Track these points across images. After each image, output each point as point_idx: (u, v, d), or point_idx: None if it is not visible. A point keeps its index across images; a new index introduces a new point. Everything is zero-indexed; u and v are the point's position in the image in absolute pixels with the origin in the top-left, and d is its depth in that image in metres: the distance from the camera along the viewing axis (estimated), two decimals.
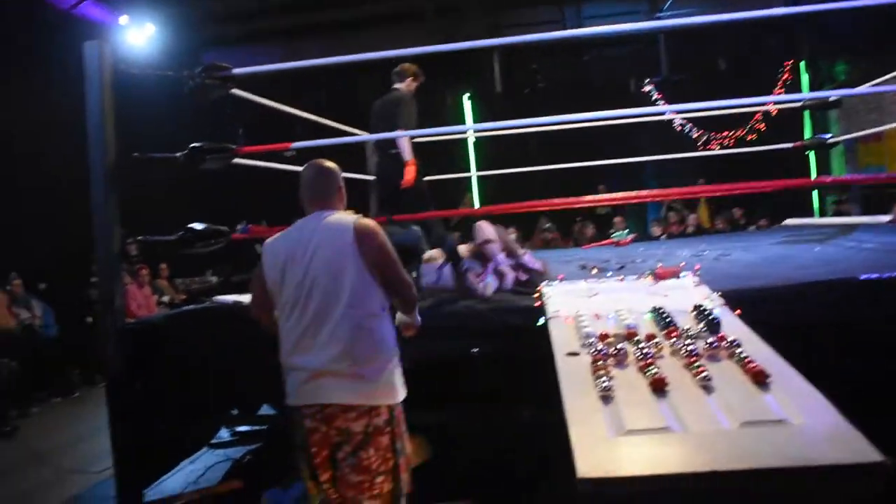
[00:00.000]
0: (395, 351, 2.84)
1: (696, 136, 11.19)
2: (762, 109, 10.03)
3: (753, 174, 9.29)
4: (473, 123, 9.98)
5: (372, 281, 2.75)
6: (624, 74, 12.15)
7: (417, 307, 3.04)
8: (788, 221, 8.28)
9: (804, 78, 9.61)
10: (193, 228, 4.40)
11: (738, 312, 2.99)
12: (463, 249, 4.47)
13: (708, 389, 2.27)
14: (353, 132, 7.10)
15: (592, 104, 5.62)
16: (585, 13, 12.56)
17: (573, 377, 2.47)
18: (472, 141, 8.92)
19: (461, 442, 3.98)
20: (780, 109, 9.31)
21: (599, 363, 2.50)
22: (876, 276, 3.53)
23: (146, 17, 11.24)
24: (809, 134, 8.11)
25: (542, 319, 3.31)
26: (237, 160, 4.77)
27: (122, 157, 4.22)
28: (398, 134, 4.99)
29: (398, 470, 2.77)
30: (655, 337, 2.73)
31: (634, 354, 2.58)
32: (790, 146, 7.49)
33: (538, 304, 3.58)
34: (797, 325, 3.37)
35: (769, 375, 2.27)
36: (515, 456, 3.57)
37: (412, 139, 5.31)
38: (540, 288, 3.85)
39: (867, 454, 1.78)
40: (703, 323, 2.83)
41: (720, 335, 2.64)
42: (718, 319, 2.82)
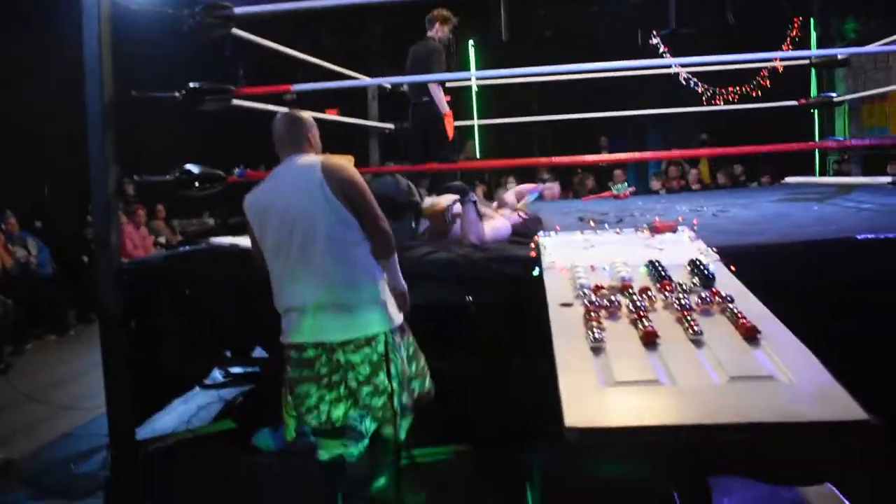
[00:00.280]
0: (381, 276, 2.91)
1: (700, 90, 11.07)
2: (769, 66, 9.91)
3: (757, 131, 9.24)
4: (477, 71, 9.89)
5: (347, 214, 2.81)
6: (632, 26, 11.97)
7: (398, 262, 3.04)
8: (789, 179, 8.24)
9: (813, 35, 9.49)
10: (190, 170, 4.37)
11: (732, 268, 2.98)
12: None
13: (699, 344, 2.27)
14: (354, 76, 7.01)
15: (599, 56, 5.56)
16: None
17: (565, 328, 2.48)
18: (474, 89, 8.83)
19: (457, 389, 4.01)
20: (786, 66, 9.20)
21: (592, 315, 2.50)
22: (872, 236, 3.52)
23: None
24: (815, 92, 8.02)
25: (537, 270, 3.31)
26: (236, 102, 4.72)
27: (119, 94, 4.17)
28: (400, 80, 4.99)
29: (400, 393, 2.87)
30: (649, 290, 2.72)
31: (627, 307, 2.58)
32: (795, 103, 7.41)
33: (534, 254, 3.57)
34: (792, 282, 3.37)
35: (760, 332, 2.28)
36: (511, 404, 3.59)
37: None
38: (536, 238, 3.84)
39: (853, 412, 1.79)
40: (697, 277, 2.83)
41: (714, 290, 2.64)
42: (713, 274, 2.82)
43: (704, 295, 2.61)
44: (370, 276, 2.86)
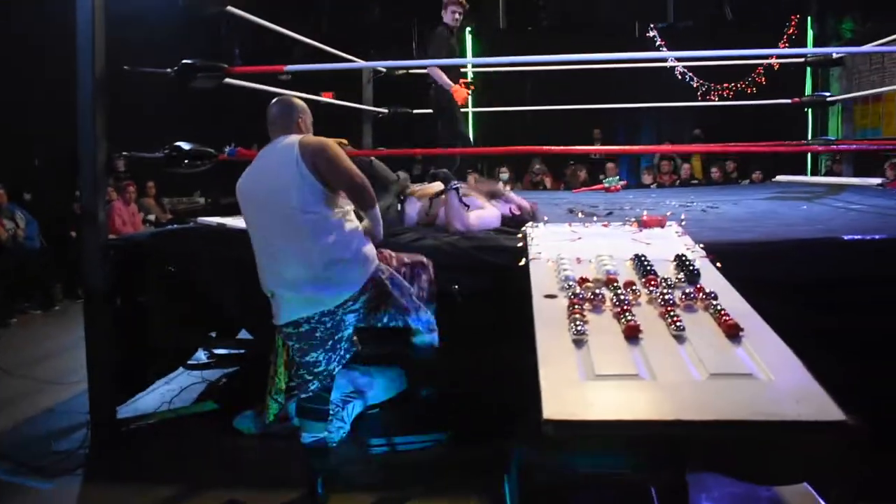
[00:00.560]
0: (355, 242, 2.98)
1: (696, 85, 11.07)
2: (764, 63, 9.91)
3: (751, 128, 9.26)
4: (473, 58, 9.85)
5: (322, 188, 2.88)
6: (630, 18, 11.95)
7: (374, 208, 3.13)
8: (780, 178, 8.25)
9: (809, 33, 9.49)
10: (180, 147, 4.34)
11: (718, 265, 2.98)
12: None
13: (680, 339, 2.27)
14: (350, 59, 6.97)
15: (595, 47, 5.55)
16: None
17: (548, 319, 2.47)
18: (470, 76, 8.80)
19: (439, 378, 4.01)
20: (782, 64, 9.20)
21: (576, 307, 2.49)
22: (859, 237, 3.53)
23: None
24: (810, 91, 8.04)
25: (524, 260, 3.30)
26: (229, 80, 4.69)
27: (111, 68, 4.14)
28: (394, 64, 4.99)
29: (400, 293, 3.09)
30: (634, 284, 2.72)
31: (611, 300, 2.57)
32: (789, 102, 7.42)
33: (521, 244, 3.56)
34: (777, 280, 3.38)
35: (742, 329, 2.27)
36: (493, 394, 3.60)
37: (448, 69, 5.95)
38: (524, 228, 3.83)
39: (830, 412, 1.79)
40: (682, 273, 2.82)
41: (698, 286, 2.64)
42: (698, 270, 2.82)
43: (689, 291, 2.61)
44: (347, 247, 2.94)
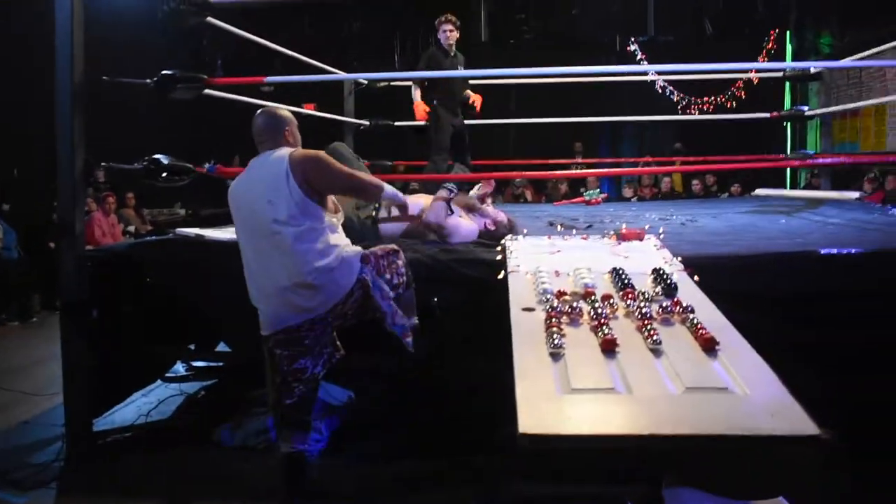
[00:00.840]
0: (340, 249, 3.00)
1: (676, 99, 11.15)
2: (744, 77, 10.00)
3: (731, 141, 9.32)
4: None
5: (310, 201, 2.91)
6: (611, 32, 12.03)
7: (384, 190, 3.28)
8: (759, 191, 8.32)
9: (788, 48, 9.59)
10: (158, 160, 4.33)
11: (696, 278, 3.00)
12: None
13: (657, 353, 2.27)
14: (332, 71, 6.97)
15: (577, 60, 5.59)
16: None
17: (526, 333, 2.47)
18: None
19: (416, 389, 4.00)
20: (761, 78, 9.28)
21: (553, 320, 2.49)
22: (836, 251, 3.55)
23: None
24: (789, 105, 8.11)
25: (502, 273, 3.30)
26: (209, 91, 4.68)
27: (90, 78, 4.11)
28: (375, 76, 5.01)
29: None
30: (612, 297, 2.72)
31: (589, 313, 2.58)
32: (768, 116, 7.48)
33: (500, 257, 3.56)
34: (755, 294, 3.40)
35: (718, 343, 2.28)
36: (468, 407, 3.59)
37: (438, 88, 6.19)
38: (503, 241, 3.83)
39: (805, 426, 1.79)
40: (660, 286, 2.83)
41: (675, 300, 2.64)
42: (675, 284, 2.83)
43: (666, 304, 2.61)
44: (331, 255, 2.95)
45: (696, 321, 2.44)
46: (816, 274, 3.55)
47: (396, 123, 7.70)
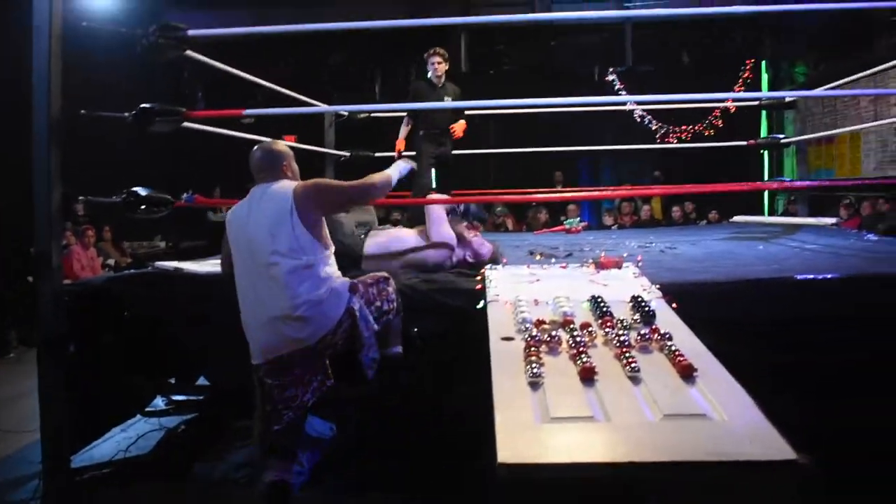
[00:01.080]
0: (331, 281, 3.07)
1: (654, 128, 11.26)
2: (721, 106, 10.13)
3: (709, 169, 9.43)
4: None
5: (310, 237, 2.99)
6: (590, 63, 12.15)
7: (391, 176, 3.53)
8: (737, 218, 8.39)
9: (764, 77, 9.72)
10: (136, 192, 4.32)
11: (674, 306, 3.01)
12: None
13: (635, 381, 2.28)
14: (312, 103, 7.00)
15: (556, 90, 5.65)
16: None
17: (505, 362, 2.47)
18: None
19: (397, 418, 3.98)
20: (738, 107, 9.41)
21: (532, 349, 2.50)
22: (812, 276, 3.59)
23: None
24: (765, 133, 8.22)
25: (482, 303, 3.31)
26: (188, 124, 4.68)
27: (68, 112, 4.10)
28: (356, 108, 5.03)
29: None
30: (590, 325, 2.73)
31: (568, 342, 2.58)
32: (745, 143, 7.58)
33: (479, 287, 3.57)
34: (734, 320, 3.42)
35: (696, 370, 2.29)
36: (447, 438, 3.58)
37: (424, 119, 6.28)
38: (483, 271, 3.84)
39: (782, 452, 1.81)
40: (638, 314, 2.85)
41: (653, 327, 2.66)
42: (653, 311, 2.84)
43: (644, 332, 2.62)
44: (326, 287, 3.02)
45: (673, 348, 2.45)
46: (793, 300, 3.58)
47: (377, 154, 7.72)
